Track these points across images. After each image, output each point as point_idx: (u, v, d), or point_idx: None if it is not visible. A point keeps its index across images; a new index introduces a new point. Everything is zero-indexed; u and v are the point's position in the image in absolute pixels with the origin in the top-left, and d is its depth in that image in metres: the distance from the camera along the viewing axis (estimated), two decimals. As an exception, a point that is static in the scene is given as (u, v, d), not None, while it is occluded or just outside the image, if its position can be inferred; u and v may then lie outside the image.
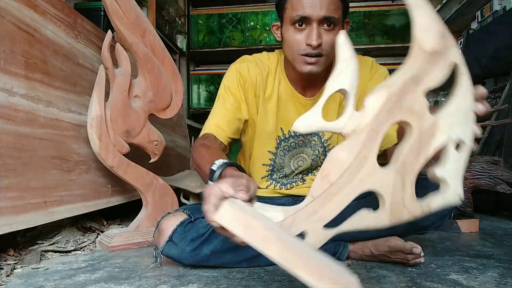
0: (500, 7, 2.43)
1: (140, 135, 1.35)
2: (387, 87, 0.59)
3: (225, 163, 0.76)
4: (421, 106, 0.60)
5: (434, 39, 0.60)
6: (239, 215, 0.52)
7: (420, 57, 0.60)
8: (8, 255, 1.09)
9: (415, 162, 0.61)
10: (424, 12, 0.59)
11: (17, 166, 1.06)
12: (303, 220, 0.61)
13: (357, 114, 0.59)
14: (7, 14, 1.08)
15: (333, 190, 0.61)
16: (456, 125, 0.61)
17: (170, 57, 1.44)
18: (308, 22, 0.98)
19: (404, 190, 0.61)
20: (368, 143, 0.60)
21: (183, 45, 4.09)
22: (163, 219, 1.04)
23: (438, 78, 0.61)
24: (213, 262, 1.01)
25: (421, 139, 0.60)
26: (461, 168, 0.62)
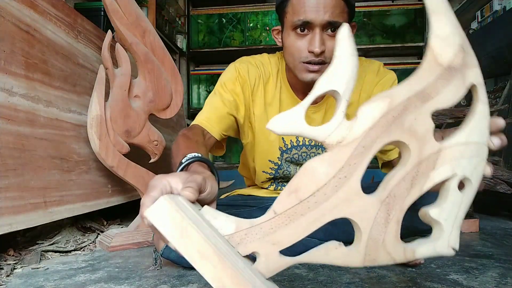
0: (500, 7, 2.43)
1: (140, 135, 1.35)
2: (389, 98, 0.48)
3: (196, 157, 0.70)
4: (425, 129, 0.48)
5: (454, 52, 0.49)
6: (175, 216, 0.42)
7: (433, 71, 0.49)
8: (8, 255, 1.09)
9: (406, 194, 0.50)
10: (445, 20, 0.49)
11: (17, 166, 1.06)
12: (257, 238, 0.50)
13: (346, 123, 0.47)
14: (7, 14, 1.08)
15: (300, 210, 0.49)
16: (465, 159, 0.49)
17: (170, 57, 1.44)
18: (311, 27, 0.91)
19: (386, 227, 0.51)
20: (353, 161, 0.48)
21: (183, 45, 4.09)
22: None
23: (450, 99, 0.49)
24: None
25: (419, 168, 0.49)
26: (461, 212, 0.51)
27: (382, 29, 4.22)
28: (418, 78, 0.49)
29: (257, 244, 0.50)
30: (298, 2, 0.91)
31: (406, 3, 4.16)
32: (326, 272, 0.98)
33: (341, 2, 0.90)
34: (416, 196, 0.51)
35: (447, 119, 1.75)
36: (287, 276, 0.95)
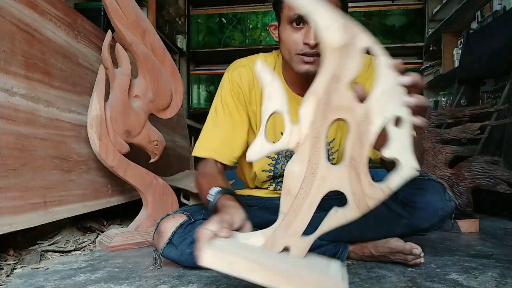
0: (500, 7, 2.43)
1: (140, 135, 1.35)
2: (313, 94, 0.63)
3: (219, 191, 0.88)
4: (349, 100, 0.62)
5: (339, 34, 0.61)
6: (220, 256, 0.59)
7: (332, 56, 0.62)
8: (8, 255, 1.09)
9: (361, 152, 0.62)
10: (321, 13, 0.61)
11: (17, 166, 1.06)
12: (281, 237, 0.66)
13: (296, 127, 0.64)
14: (7, 14, 1.08)
15: (298, 202, 0.65)
16: (388, 104, 0.61)
17: (170, 57, 1.44)
18: (305, 20, 0.96)
19: (360, 181, 0.63)
20: (314, 150, 0.63)
21: (183, 45, 4.09)
22: (162, 221, 1.03)
23: (356, 68, 0.62)
24: None
25: (359, 129, 0.62)
26: (407, 142, 0.61)
27: (382, 29, 4.21)
28: (325, 67, 0.62)
29: (283, 241, 0.66)
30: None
31: (406, 3, 4.15)
32: (326, 272, 0.98)
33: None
34: (369, 149, 0.62)
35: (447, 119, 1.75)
36: (287, 276, 0.95)
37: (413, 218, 1.01)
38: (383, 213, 1.03)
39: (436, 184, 1.02)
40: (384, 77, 0.62)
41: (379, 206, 1.03)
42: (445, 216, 1.01)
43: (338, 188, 0.64)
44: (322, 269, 0.65)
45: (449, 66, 3.30)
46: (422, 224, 1.01)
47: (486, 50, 2.17)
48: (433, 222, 1.00)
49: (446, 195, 1.01)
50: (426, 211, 1.00)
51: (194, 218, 1.02)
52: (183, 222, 1.00)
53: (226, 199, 0.87)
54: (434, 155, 1.59)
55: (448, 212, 1.00)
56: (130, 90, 1.32)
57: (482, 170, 1.51)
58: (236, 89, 1.09)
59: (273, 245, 0.67)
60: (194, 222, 1.01)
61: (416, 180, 1.02)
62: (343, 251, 1.08)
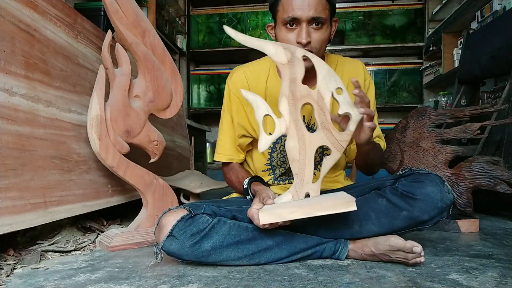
0: (500, 7, 2.43)
1: (140, 135, 1.35)
2: (284, 95, 0.98)
3: (249, 180, 1.16)
4: (306, 90, 0.98)
5: (282, 54, 0.97)
6: (270, 213, 0.93)
7: (285, 68, 0.97)
8: (8, 255, 1.09)
9: (326, 117, 0.98)
10: (268, 45, 0.97)
11: (17, 166, 1.06)
12: (301, 188, 1.00)
13: (281, 120, 0.98)
14: (7, 14, 1.08)
15: (302, 163, 0.99)
16: (329, 83, 0.97)
17: (170, 57, 1.44)
18: (298, 22, 1.08)
19: (332, 134, 0.98)
20: (297, 128, 0.98)
21: (183, 45, 4.09)
22: (163, 215, 1.06)
23: (301, 70, 0.98)
24: (213, 258, 1.01)
25: (319, 104, 0.98)
26: (349, 101, 0.96)
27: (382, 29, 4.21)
28: (285, 76, 0.98)
29: (303, 189, 0.99)
30: (287, 1, 1.09)
31: (406, 3, 4.15)
32: (326, 272, 0.98)
33: (323, 0, 1.08)
34: (329, 114, 0.98)
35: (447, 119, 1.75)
36: (287, 276, 0.95)
37: (413, 209, 1.03)
38: (383, 206, 1.04)
39: (435, 177, 1.06)
40: (320, 68, 0.97)
41: (380, 200, 1.07)
42: (444, 208, 1.03)
43: (321, 143, 0.98)
44: (335, 196, 0.98)
45: (449, 66, 3.30)
46: (422, 216, 1.02)
47: (486, 50, 2.17)
48: (433, 214, 1.02)
49: (444, 187, 1.04)
50: (426, 202, 1.02)
51: (194, 212, 1.05)
52: (184, 215, 1.03)
53: (256, 185, 1.14)
54: (434, 155, 1.59)
55: (447, 204, 1.03)
56: (130, 90, 1.32)
57: (482, 170, 1.51)
58: (233, 98, 1.26)
59: (298, 195, 0.99)
60: (195, 216, 1.04)
61: (415, 173, 1.09)
62: (342, 249, 1.08)
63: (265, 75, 1.25)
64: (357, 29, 4.24)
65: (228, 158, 1.29)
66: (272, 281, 0.91)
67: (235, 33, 0.98)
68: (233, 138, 1.27)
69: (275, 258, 1.04)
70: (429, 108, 1.64)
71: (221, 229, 1.03)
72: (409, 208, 1.03)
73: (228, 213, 1.09)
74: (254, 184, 1.15)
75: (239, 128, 1.26)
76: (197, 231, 1.01)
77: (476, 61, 2.24)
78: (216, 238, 1.01)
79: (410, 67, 4.17)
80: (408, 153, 1.66)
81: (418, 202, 1.03)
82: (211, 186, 1.91)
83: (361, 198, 1.09)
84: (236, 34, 0.98)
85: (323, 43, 1.13)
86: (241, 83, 1.25)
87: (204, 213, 1.05)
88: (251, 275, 0.96)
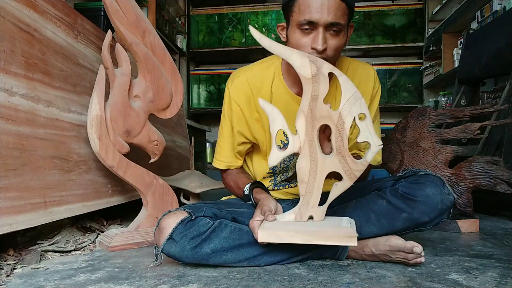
0: (500, 7, 2.43)
1: (140, 135, 1.35)
2: (302, 112, 0.93)
3: (250, 186, 1.15)
4: (326, 111, 0.93)
5: (308, 68, 0.91)
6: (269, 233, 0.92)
7: (308, 83, 0.91)
8: (8, 255, 1.09)
9: (343, 143, 0.93)
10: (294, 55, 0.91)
11: (17, 166, 1.06)
12: (305, 210, 0.97)
13: (296, 137, 0.94)
14: (7, 14, 1.08)
15: (310, 185, 0.95)
16: (352, 107, 0.91)
17: (170, 57, 1.44)
18: (315, 26, 0.99)
19: (346, 162, 0.94)
20: (312, 149, 0.94)
21: (183, 45, 4.09)
22: (163, 218, 1.04)
23: (325, 87, 0.92)
24: (214, 261, 1.01)
25: (338, 128, 0.93)
26: (370, 129, 0.92)
27: (382, 29, 4.21)
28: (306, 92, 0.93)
29: (308, 212, 0.97)
30: (304, 2, 0.99)
31: (406, 3, 4.15)
32: (326, 272, 0.98)
33: (342, 5, 0.99)
34: (347, 140, 0.93)
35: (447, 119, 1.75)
36: (287, 276, 0.95)
37: (413, 211, 1.03)
38: (384, 208, 1.04)
39: (435, 178, 1.05)
40: (346, 90, 0.92)
41: (380, 201, 1.06)
42: (445, 209, 1.03)
43: (333, 169, 0.94)
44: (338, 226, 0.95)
45: (449, 66, 3.30)
46: (422, 218, 1.02)
47: (486, 50, 2.17)
48: (433, 216, 1.02)
49: (445, 189, 1.04)
50: (426, 204, 1.02)
51: (195, 215, 1.03)
52: (184, 218, 1.01)
53: (258, 193, 1.13)
54: (434, 155, 1.59)
55: (447, 206, 1.03)
56: (130, 90, 1.32)
57: (482, 170, 1.51)
58: (234, 106, 1.20)
59: (301, 217, 0.97)
60: (195, 219, 1.02)
61: (416, 175, 1.08)
62: (343, 250, 1.08)
63: (269, 81, 1.18)
64: (357, 29, 4.24)
65: (226, 165, 1.26)
66: (272, 281, 0.91)
67: (260, 36, 0.91)
68: (232, 145, 1.24)
69: (276, 261, 1.04)
70: (429, 108, 1.64)
71: (222, 232, 1.02)
72: (409, 210, 1.03)
73: (228, 215, 1.09)
74: (256, 192, 1.14)
75: (239, 136, 1.22)
76: (198, 234, 1.00)
77: (476, 61, 2.24)
78: (216, 242, 1.00)
79: (410, 67, 4.17)
80: (408, 153, 1.66)
81: (418, 204, 1.02)
82: (211, 186, 1.91)
83: (361, 199, 1.09)
84: (262, 37, 0.91)
85: (339, 51, 1.05)
86: (244, 92, 1.18)
87: (204, 216, 1.04)
88: (251, 275, 0.96)
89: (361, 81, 1.18)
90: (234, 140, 1.23)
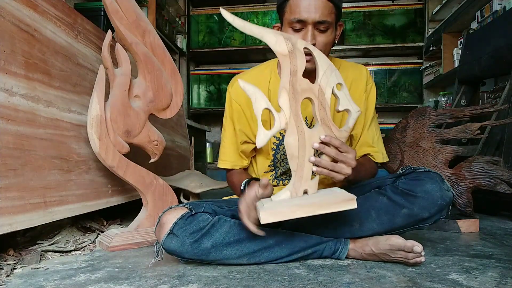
0: (500, 7, 2.43)
1: (140, 135, 1.35)
2: (284, 88, 0.93)
3: (246, 181, 1.14)
4: (307, 84, 0.94)
5: (283, 44, 0.92)
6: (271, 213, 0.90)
7: (286, 60, 0.92)
8: (8, 255, 1.09)
9: (326, 113, 0.96)
10: (268, 34, 0.92)
11: (17, 166, 1.06)
12: (300, 185, 0.96)
13: (281, 114, 0.93)
14: (7, 14, 1.08)
15: (301, 159, 0.95)
16: (330, 78, 0.95)
17: (170, 57, 1.44)
18: (304, 24, 1.08)
19: (331, 130, 0.96)
20: (297, 123, 0.94)
21: (183, 45, 4.09)
22: (164, 214, 1.06)
23: (303, 62, 0.94)
24: (213, 257, 1.02)
25: (320, 99, 0.95)
26: (348, 98, 0.97)
27: (382, 29, 4.21)
28: (285, 68, 0.93)
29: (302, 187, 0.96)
30: (294, 3, 1.08)
31: (406, 3, 4.15)
32: (326, 272, 0.98)
33: (329, 4, 1.07)
34: (329, 110, 0.96)
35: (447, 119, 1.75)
36: (287, 276, 0.95)
37: (414, 207, 1.04)
38: (384, 204, 1.05)
39: (434, 175, 1.07)
40: (322, 62, 0.95)
41: (381, 198, 1.06)
42: (444, 205, 1.04)
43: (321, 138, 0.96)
44: (334, 194, 0.96)
45: (449, 66, 3.30)
46: (422, 213, 1.03)
47: (486, 50, 2.17)
48: (433, 212, 1.03)
49: (444, 185, 1.05)
50: (426, 199, 1.03)
51: (195, 210, 1.05)
52: (184, 214, 1.04)
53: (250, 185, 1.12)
54: (434, 155, 1.59)
55: (447, 202, 1.04)
56: (130, 90, 1.32)
57: (482, 170, 1.51)
58: (234, 105, 1.24)
59: (297, 192, 0.95)
60: (195, 214, 1.05)
61: (415, 172, 1.09)
62: (343, 248, 1.08)
63: (267, 79, 1.23)
64: (357, 29, 4.24)
65: (231, 164, 1.28)
66: (272, 281, 0.91)
67: (232, 18, 0.91)
68: (236, 145, 1.26)
69: (275, 257, 1.04)
70: (429, 108, 1.64)
71: (221, 227, 1.04)
72: (409, 206, 1.04)
73: (228, 212, 1.10)
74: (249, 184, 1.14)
75: (241, 134, 1.25)
76: (198, 229, 1.02)
77: (476, 61, 2.24)
78: (216, 236, 1.02)
79: (410, 67, 4.17)
80: (408, 153, 1.66)
81: (418, 199, 1.03)
82: (211, 186, 1.91)
83: (361, 197, 1.09)
84: (234, 19, 0.91)
85: (328, 46, 1.12)
86: (241, 93, 1.21)
87: (204, 212, 1.06)
88: (251, 275, 0.96)
89: (353, 79, 1.22)
90: (237, 139, 1.26)
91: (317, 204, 0.91)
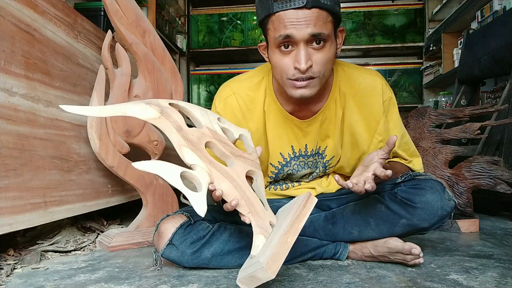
0: (500, 7, 2.43)
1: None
2: (182, 146, 0.83)
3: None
4: (197, 132, 0.85)
5: (150, 110, 0.80)
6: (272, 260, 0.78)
7: (163, 121, 0.82)
8: (8, 255, 1.09)
9: (230, 146, 0.89)
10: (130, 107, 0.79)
11: (17, 166, 1.06)
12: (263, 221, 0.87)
13: (199, 169, 0.83)
14: (7, 14, 1.08)
15: (245, 197, 0.87)
16: (209, 116, 0.89)
17: (170, 57, 1.44)
18: (294, 42, 0.87)
19: (245, 157, 0.91)
20: (217, 168, 0.85)
21: (183, 45, 4.09)
22: (162, 222, 1.02)
23: (179, 115, 0.84)
24: (214, 265, 1.01)
25: (216, 138, 0.88)
26: (233, 125, 0.93)
27: (382, 29, 4.21)
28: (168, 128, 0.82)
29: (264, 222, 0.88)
30: (277, 17, 0.87)
31: (406, 3, 4.15)
32: (326, 272, 0.98)
33: (322, 12, 0.86)
34: (229, 141, 0.90)
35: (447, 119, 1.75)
36: (287, 276, 0.95)
37: (413, 218, 1.00)
38: (383, 213, 1.03)
39: (435, 183, 1.00)
40: (192, 109, 0.88)
41: (379, 206, 1.04)
42: (445, 215, 0.99)
43: (245, 170, 0.89)
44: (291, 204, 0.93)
45: (449, 66, 3.30)
46: (421, 224, 1.00)
47: (486, 50, 2.17)
48: (433, 222, 0.99)
49: (445, 195, 0.99)
50: (425, 211, 0.98)
51: (194, 219, 1.02)
52: (183, 223, 1.00)
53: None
54: (434, 155, 1.59)
55: (447, 212, 0.99)
56: (130, 90, 1.32)
57: (482, 170, 1.51)
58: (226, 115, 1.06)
59: (267, 230, 0.87)
60: (195, 223, 1.01)
61: (415, 179, 1.02)
62: (343, 251, 1.08)
63: (261, 100, 1.07)
64: (357, 29, 4.24)
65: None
66: (272, 281, 0.91)
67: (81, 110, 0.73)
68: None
69: None
70: (429, 108, 1.64)
71: (221, 235, 1.01)
72: (408, 216, 1.00)
73: (228, 218, 1.06)
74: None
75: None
76: (197, 239, 0.99)
77: (476, 61, 2.24)
78: (216, 245, 1.00)
79: (410, 67, 4.17)
80: (408, 153, 1.66)
81: (417, 210, 0.99)
82: (211, 186, 1.91)
83: (359, 203, 1.07)
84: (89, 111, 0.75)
85: (328, 65, 0.91)
86: (231, 112, 1.07)
87: (204, 219, 1.03)
88: (251, 275, 0.96)
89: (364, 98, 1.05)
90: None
91: (293, 221, 0.83)
